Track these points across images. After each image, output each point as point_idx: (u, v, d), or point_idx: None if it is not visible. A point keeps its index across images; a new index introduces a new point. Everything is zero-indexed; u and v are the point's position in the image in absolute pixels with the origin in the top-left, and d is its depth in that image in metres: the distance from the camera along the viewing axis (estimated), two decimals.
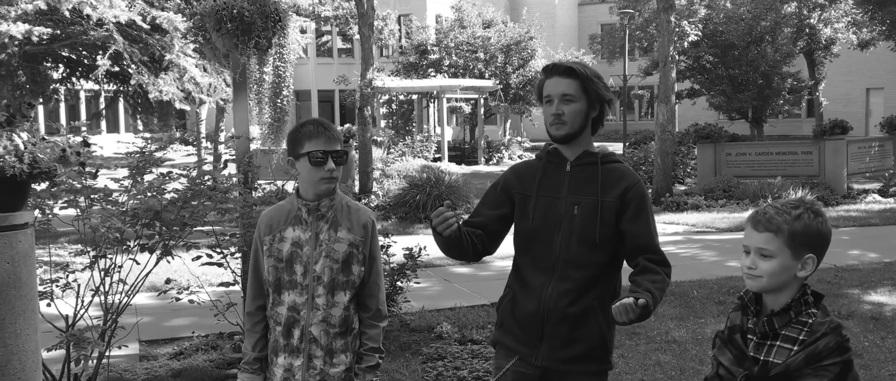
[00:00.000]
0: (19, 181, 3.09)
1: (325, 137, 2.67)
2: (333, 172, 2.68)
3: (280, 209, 2.83)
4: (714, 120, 23.93)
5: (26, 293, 3.23)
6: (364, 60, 16.39)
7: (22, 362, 3.20)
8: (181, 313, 6.54)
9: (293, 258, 2.72)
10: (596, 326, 2.64)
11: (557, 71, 2.68)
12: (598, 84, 2.67)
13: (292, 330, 2.73)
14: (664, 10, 15.79)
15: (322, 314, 2.71)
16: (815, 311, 2.01)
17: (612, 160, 2.72)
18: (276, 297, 2.75)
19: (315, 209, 2.73)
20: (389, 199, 14.58)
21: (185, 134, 27.60)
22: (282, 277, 2.73)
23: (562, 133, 2.67)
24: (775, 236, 2.01)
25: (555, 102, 2.65)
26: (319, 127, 2.70)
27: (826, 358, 1.91)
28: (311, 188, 2.72)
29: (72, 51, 11.92)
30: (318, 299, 2.71)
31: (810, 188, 15.07)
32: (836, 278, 8.17)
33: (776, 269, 2.02)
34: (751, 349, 2.06)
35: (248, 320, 2.84)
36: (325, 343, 2.72)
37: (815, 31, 26.28)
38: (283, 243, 2.73)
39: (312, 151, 2.66)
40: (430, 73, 27.61)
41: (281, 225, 2.76)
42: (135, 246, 4.56)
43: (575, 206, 2.63)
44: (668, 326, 6.46)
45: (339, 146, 2.71)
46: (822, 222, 2.04)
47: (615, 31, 30.94)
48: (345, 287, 2.73)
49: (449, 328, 6.20)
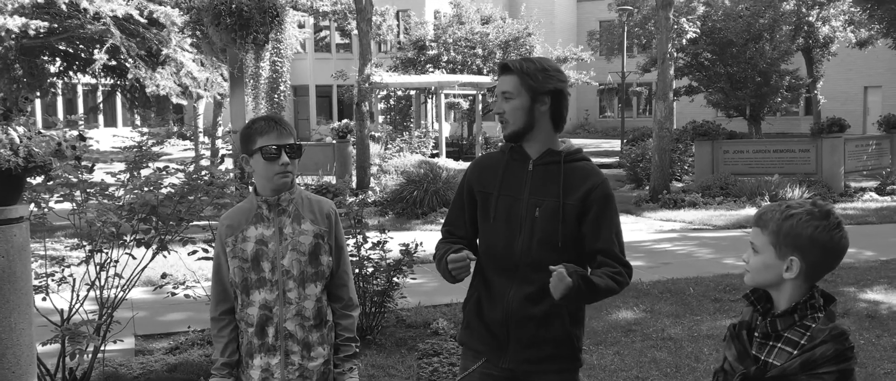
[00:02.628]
0: (15, 175, 3.08)
1: (276, 132, 2.67)
2: (288, 166, 2.68)
3: (239, 210, 2.81)
4: (712, 117, 23.93)
5: (21, 287, 3.22)
6: (362, 56, 16.36)
7: (17, 356, 3.19)
8: (177, 307, 6.54)
9: (259, 256, 2.71)
10: (561, 326, 2.60)
11: (501, 69, 2.64)
12: (535, 76, 2.55)
13: (266, 329, 2.71)
14: (663, 6, 15.78)
15: (295, 308, 2.71)
16: (820, 315, 1.96)
17: (576, 159, 2.63)
18: (245, 298, 2.73)
19: (275, 205, 2.72)
20: (387, 194, 14.56)
21: (182, 128, 27.53)
22: (249, 277, 2.72)
23: (506, 132, 2.63)
24: (762, 231, 1.99)
25: (498, 100, 2.63)
26: (270, 122, 2.71)
27: (822, 366, 1.87)
28: (267, 184, 2.71)
29: (69, 45, 11.89)
30: (290, 293, 2.71)
31: (807, 186, 15.07)
32: (833, 276, 8.17)
33: (759, 265, 2.00)
34: (754, 347, 2.03)
35: (214, 325, 2.80)
36: (302, 337, 2.72)
37: (814, 28, 26.29)
38: (246, 242, 2.72)
39: (265, 147, 2.66)
40: (428, 68, 27.57)
41: (242, 225, 2.74)
42: (131, 241, 4.56)
43: (536, 207, 2.57)
44: (664, 323, 6.47)
45: (293, 140, 2.71)
46: (823, 229, 1.94)
47: (614, 28, 30.96)
48: (315, 279, 2.73)
49: (445, 323, 6.20)
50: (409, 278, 6.11)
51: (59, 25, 10.24)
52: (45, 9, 9.88)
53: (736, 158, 16.75)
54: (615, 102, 41.57)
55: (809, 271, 1.97)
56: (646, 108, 41.36)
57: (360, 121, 16.46)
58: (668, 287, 7.79)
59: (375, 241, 5.86)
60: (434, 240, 2.96)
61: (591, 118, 41.96)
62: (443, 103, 25.46)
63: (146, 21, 10.41)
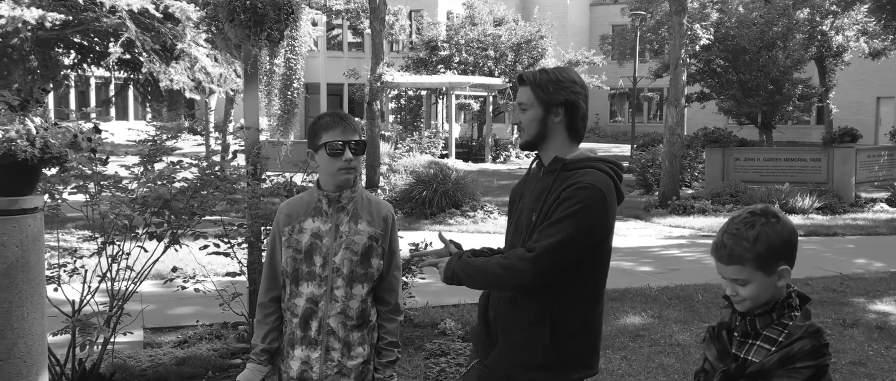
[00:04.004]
0: (30, 165, 3.11)
1: (341, 128, 2.69)
2: (351, 163, 2.69)
3: (300, 201, 2.82)
4: (723, 124, 23.86)
5: (34, 277, 3.24)
6: (374, 55, 16.39)
7: (28, 345, 3.21)
8: (186, 301, 6.57)
9: (313, 249, 2.72)
10: (546, 333, 2.53)
11: (517, 81, 2.69)
12: (547, 88, 2.58)
13: (310, 322, 2.73)
14: (676, 12, 15.75)
15: (340, 306, 2.73)
16: (797, 314, 2.04)
17: (577, 167, 2.57)
18: (294, 288, 2.75)
19: (336, 201, 2.73)
20: (396, 194, 14.59)
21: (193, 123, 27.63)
22: (300, 268, 2.73)
23: (521, 141, 2.69)
24: (743, 266, 2.03)
25: (516, 111, 2.69)
26: (336, 118, 2.72)
27: (799, 361, 1.94)
28: (330, 179, 2.72)
29: (84, 37, 11.94)
30: (337, 290, 2.72)
31: (818, 195, 15.03)
32: (842, 286, 8.15)
33: (755, 291, 2.04)
34: (734, 346, 2.11)
35: (260, 310, 2.82)
36: (343, 336, 2.73)
37: (827, 38, 26.17)
38: (302, 234, 2.73)
39: (330, 142, 2.67)
40: (439, 69, 27.58)
41: (300, 216, 2.75)
42: (143, 234, 4.58)
43: (533, 213, 2.59)
44: (672, 329, 6.45)
45: (358, 137, 2.72)
46: (782, 227, 2.02)
47: (626, 33, 30.87)
48: (363, 280, 2.75)
49: (452, 324, 6.21)
50: (418, 278, 6.11)
51: (75, 18, 10.28)
52: (61, 1, 9.94)
53: (746, 166, 16.70)
54: (626, 106, 41.50)
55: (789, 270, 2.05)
56: (656, 113, 41.25)
57: (371, 120, 16.47)
58: (677, 293, 7.77)
59: None
60: None
61: (601, 122, 41.87)
62: (453, 104, 25.46)
63: (161, 15, 10.45)
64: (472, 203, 13.96)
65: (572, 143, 2.66)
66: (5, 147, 3.00)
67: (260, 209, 4.98)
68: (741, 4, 24.71)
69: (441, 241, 2.74)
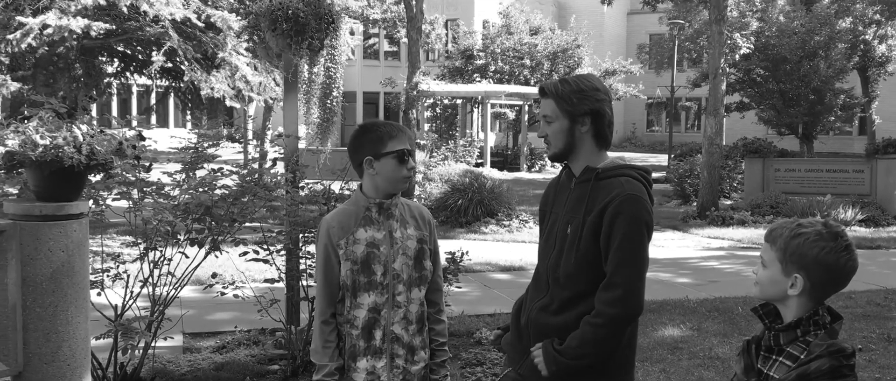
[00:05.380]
0: (76, 172, 3.16)
1: (406, 136, 2.77)
2: (413, 170, 2.76)
3: (347, 212, 2.81)
4: (763, 134, 23.50)
5: (79, 282, 3.30)
6: (411, 64, 16.47)
7: (72, 348, 3.27)
8: (224, 307, 6.63)
9: (370, 259, 2.72)
10: None
11: (539, 93, 2.68)
12: (570, 99, 2.57)
13: (373, 332, 2.74)
14: (716, 21, 15.59)
15: (403, 312, 2.76)
16: (822, 332, 1.98)
17: (610, 175, 2.56)
18: (353, 300, 2.75)
19: (386, 208, 2.76)
20: (431, 202, 14.60)
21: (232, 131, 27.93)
22: (358, 279, 2.73)
23: (549, 153, 2.68)
24: (771, 246, 2.02)
25: (541, 124, 2.67)
26: (396, 127, 2.79)
27: (816, 380, 1.89)
28: (391, 186, 2.75)
29: (127, 46, 12.18)
30: (399, 296, 2.75)
31: (860, 207, 14.73)
32: (886, 301, 7.98)
33: (765, 279, 2.04)
34: (759, 361, 2.08)
35: (324, 329, 2.77)
36: (407, 341, 2.76)
37: (870, 47, 25.70)
38: (357, 245, 2.73)
39: (399, 150, 2.72)
40: (475, 78, 27.62)
41: (352, 227, 2.76)
42: (184, 240, 4.64)
43: (568, 225, 2.59)
44: (711, 342, 6.36)
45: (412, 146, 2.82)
46: (830, 251, 1.94)
47: (664, 42, 30.60)
48: (419, 283, 2.80)
49: (488, 333, 6.18)
50: (454, 287, 6.11)
51: (119, 27, 10.50)
52: (106, 11, 10.13)
53: (787, 177, 16.44)
54: (663, 116, 41.16)
55: (814, 290, 1.99)
56: (694, 123, 40.84)
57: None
58: (716, 306, 7.67)
59: None
60: (478, 249, 3.02)
61: (638, 132, 41.57)
62: (489, 113, 25.47)
63: (203, 25, 10.62)
64: (507, 212, 13.92)
65: (601, 150, 2.64)
66: (53, 154, 3.06)
67: (298, 216, 5.02)
68: (782, 13, 24.38)
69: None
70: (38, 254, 3.15)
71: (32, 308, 3.16)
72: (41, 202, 3.19)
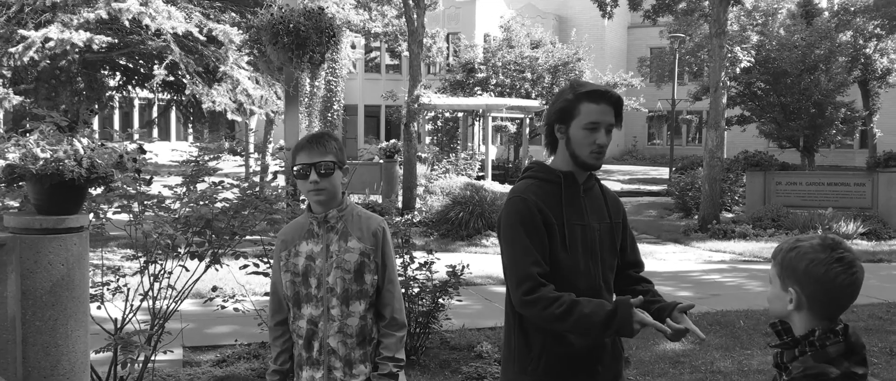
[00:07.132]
0: (77, 185, 3.17)
1: (307, 150, 2.70)
2: (318, 184, 2.68)
3: (295, 225, 2.87)
4: (764, 148, 23.52)
5: (78, 295, 3.30)
6: (412, 77, 16.52)
7: (71, 362, 3.26)
8: (224, 320, 6.62)
9: (308, 272, 2.76)
10: None
11: (608, 99, 2.50)
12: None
13: (312, 343, 2.77)
14: (716, 35, 15.63)
15: (338, 325, 2.74)
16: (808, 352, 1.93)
17: (599, 179, 2.71)
18: (296, 311, 2.80)
19: (324, 221, 2.76)
20: (432, 215, 14.60)
21: (233, 144, 27.98)
22: (299, 290, 2.77)
23: (599, 164, 2.54)
24: (773, 262, 2.03)
25: (601, 131, 2.50)
26: (312, 138, 2.75)
27: None
28: (310, 201, 2.77)
29: (129, 60, 12.23)
30: (333, 310, 2.74)
31: (862, 221, 14.71)
32: (888, 314, 7.95)
33: (771, 295, 2.04)
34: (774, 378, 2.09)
35: (271, 334, 2.91)
36: (344, 354, 2.74)
37: (871, 60, 25.74)
38: (298, 257, 2.78)
39: (300, 165, 2.71)
40: (476, 91, 27.65)
41: (295, 240, 2.80)
42: (185, 253, 4.63)
43: (598, 232, 2.58)
44: (713, 356, 6.34)
45: (327, 157, 2.70)
46: (818, 263, 1.90)
47: (665, 55, 30.67)
48: (359, 297, 2.75)
49: (489, 347, 6.16)
50: (455, 300, 6.09)
51: (121, 41, 10.54)
52: (108, 25, 10.17)
53: (788, 190, 16.43)
54: (664, 129, 41.15)
55: (813, 305, 1.94)
56: (695, 136, 40.86)
57: (407, 141, 16.56)
58: (718, 319, 7.64)
59: (422, 261, 5.87)
60: (479, 262, 3.00)
61: (639, 145, 41.57)
62: (490, 126, 25.48)
63: (205, 39, 10.66)
64: None
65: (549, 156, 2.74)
66: (53, 167, 3.07)
67: None
68: (782, 27, 24.44)
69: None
70: (38, 267, 3.15)
71: (32, 322, 3.16)
72: (41, 216, 3.20)
